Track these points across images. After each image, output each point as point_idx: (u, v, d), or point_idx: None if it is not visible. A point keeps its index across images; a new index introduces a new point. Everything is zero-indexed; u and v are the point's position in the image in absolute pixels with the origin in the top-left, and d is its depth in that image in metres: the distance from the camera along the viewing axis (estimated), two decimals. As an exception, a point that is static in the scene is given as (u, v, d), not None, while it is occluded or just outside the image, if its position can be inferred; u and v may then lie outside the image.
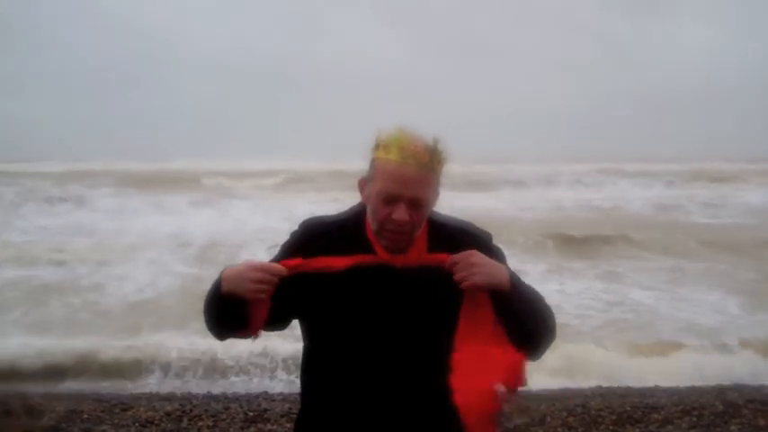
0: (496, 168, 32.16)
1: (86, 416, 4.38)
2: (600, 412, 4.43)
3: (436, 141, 1.54)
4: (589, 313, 7.82)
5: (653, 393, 4.94)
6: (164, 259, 10.69)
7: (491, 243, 1.68)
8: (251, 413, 4.44)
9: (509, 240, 11.49)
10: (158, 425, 4.29)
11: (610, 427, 4.26)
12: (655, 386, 5.18)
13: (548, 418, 4.34)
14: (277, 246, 1.71)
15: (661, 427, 4.26)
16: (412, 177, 1.50)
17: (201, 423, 4.31)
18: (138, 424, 4.28)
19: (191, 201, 19.25)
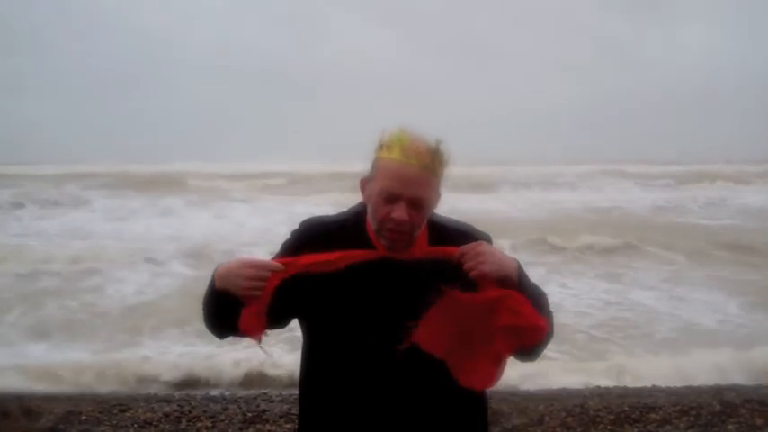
0: (496, 169, 32.20)
1: (85, 417, 4.37)
2: (598, 412, 4.43)
3: (438, 143, 1.54)
4: (589, 311, 7.83)
5: (651, 393, 4.93)
6: (162, 261, 10.67)
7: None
8: (249, 414, 4.44)
9: (509, 241, 11.51)
10: (157, 426, 4.28)
11: (608, 427, 4.26)
12: (653, 386, 5.17)
13: (546, 418, 4.34)
14: (277, 247, 1.70)
15: (659, 427, 4.26)
16: (413, 177, 1.50)
17: (200, 424, 4.30)
18: (137, 425, 4.28)
19: (188, 202, 19.28)
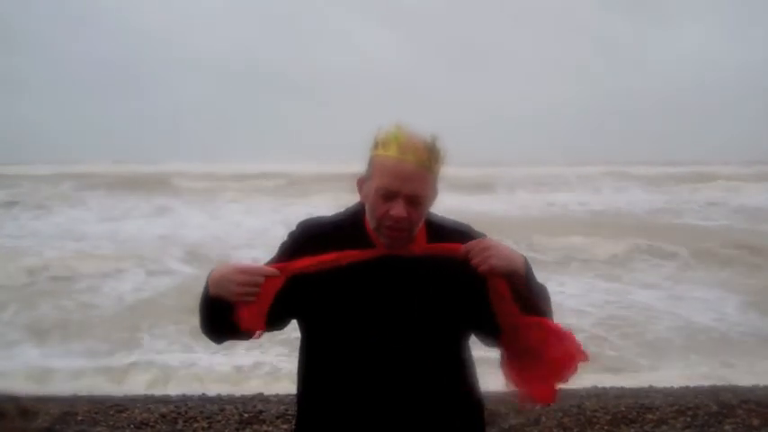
0: (496, 170, 32.22)
1: (81, 417, 4.35)
2: (595, 413, 4.42)
3: (434, 139, 1.52)
4: (588, 310, 7.82)
5: (648, 394, 4.93)
6: (159, 261, 10.67)
7: None
8: (246, 414, 4.42)
9: (509, 241, 11.48)
10: (153, 426, 4.26)
11: (605, 428, 4.26)
12: (649, 386, 5.17)
13: (543, 419, 4.33)
14: (273, 248, 1.69)
15: (656, 428, 4.26)
16: (410, 174, 1.49)
17: (197, 425, 4.29)
18: (133, 426, 4.26)
19: (185, 202, 19.28)
